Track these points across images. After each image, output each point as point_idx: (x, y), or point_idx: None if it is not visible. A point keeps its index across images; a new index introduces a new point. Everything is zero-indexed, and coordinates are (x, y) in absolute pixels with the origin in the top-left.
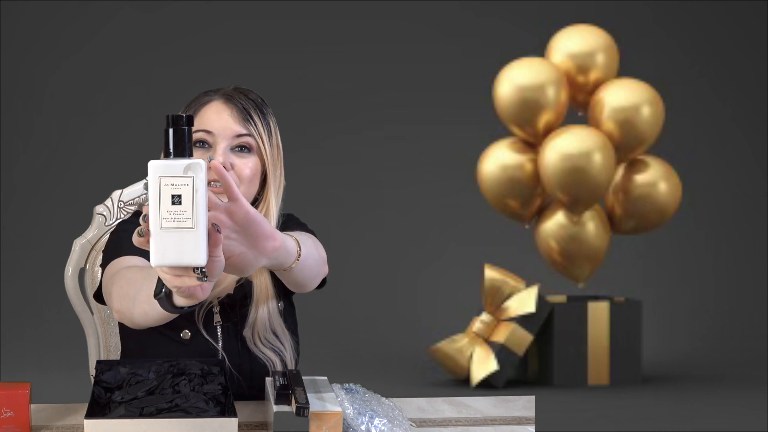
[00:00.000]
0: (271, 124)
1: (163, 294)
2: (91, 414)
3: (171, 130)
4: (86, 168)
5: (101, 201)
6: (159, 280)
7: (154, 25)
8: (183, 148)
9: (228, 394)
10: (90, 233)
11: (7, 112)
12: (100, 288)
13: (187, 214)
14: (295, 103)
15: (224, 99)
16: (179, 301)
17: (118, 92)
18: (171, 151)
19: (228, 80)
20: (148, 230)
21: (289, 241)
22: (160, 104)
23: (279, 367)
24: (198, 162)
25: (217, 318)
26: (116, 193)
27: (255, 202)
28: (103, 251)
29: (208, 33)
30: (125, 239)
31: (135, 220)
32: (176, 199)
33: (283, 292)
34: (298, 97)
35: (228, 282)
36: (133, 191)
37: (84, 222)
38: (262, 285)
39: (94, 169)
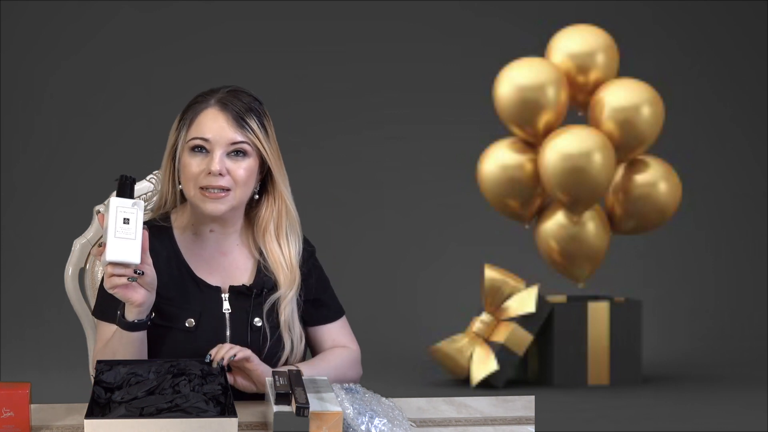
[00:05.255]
0: (266, 123)
1: (119, 314)
2: (91, 414)
3: (126, 183)
4: (86, 168)
5: (101, 201)
6: (115, 310)
7: (154, 25)
8: (130, 194)
9: (228, 394)
10: (90, 233)
11: (7, 112)
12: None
13: (131, 231)
14: (295, 103)
15: (219, 106)
16: (129, 314)
17: (118, 92)
18: (124, 195)
19: (228, 80)
20: (103, 245)
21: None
22: (160, 104)
23: (287, 355)
24: (139, 201)
25: (226, 305)
26: None
27: (256, 196)
28: (96, 297)
29: (208, 33)
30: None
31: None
32: (126, 221)
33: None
34: (298, 97)
35: (248, 271)
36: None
37: (84, 222)
38: (291, 270)
39: (94, 169)
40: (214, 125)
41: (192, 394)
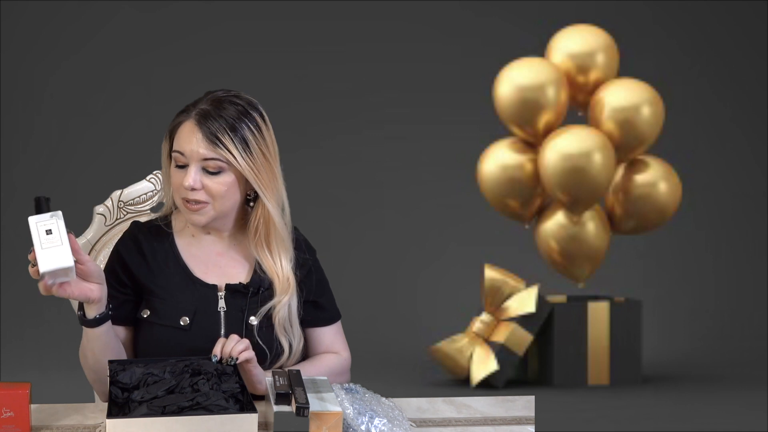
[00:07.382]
0: (249, 137)
1: (79, 314)
2: (112, 414)
3: (41, 201)
4: (86, 168)
5: (101, 201)
6: (77, 313)
7: (154, 25)
8: (47, 210)
9: (245, 391)
10: (90, 233)
11: (7, 112)
12: None
13: (56, 239)
14: (295, 103)
15: (196, 120)
16: (91, 311)
17: (118, 92)
18: (41, 211)
19: (228, 80)
20: (35, 263)
21: (263, 383)
22: (160, 104)
23: (286, 356)
24: (57, 212)
25: (221, 304)
26: (116, 193)
27: (251, 203)
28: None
29: (208, 33)
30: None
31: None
32: (48, 232)
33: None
34: (298, 97)
35: (245, 271)
36: (133, 191)
37: (84, 222)
38: (284, 278)
39: (94, 169)
40: (188, 141)
41: (212, 393)
